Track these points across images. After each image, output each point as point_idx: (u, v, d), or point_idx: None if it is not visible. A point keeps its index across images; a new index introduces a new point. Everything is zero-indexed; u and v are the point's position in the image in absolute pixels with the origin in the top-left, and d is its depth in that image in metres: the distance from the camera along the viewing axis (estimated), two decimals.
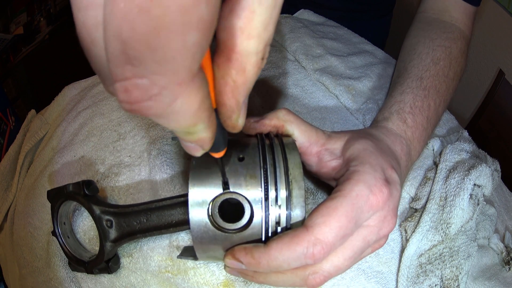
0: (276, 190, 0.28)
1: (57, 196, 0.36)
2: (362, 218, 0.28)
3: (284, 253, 0.27)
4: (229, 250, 0.29)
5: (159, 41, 0.11)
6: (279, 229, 0.28)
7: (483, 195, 0.40)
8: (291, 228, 0.28)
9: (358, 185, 0.29)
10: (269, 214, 0.28)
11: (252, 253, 0.27)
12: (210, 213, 0.28)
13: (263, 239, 0.28)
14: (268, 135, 0.33)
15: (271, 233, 0.28)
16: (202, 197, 0.28)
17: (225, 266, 0.31)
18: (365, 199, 0.28)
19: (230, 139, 0.30)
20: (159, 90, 0.13)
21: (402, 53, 0.54)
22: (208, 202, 0.28)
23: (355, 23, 0.72)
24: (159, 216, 0.33)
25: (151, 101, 0.13)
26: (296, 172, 0.29)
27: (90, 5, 0.12)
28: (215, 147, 0.22)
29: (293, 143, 0.32)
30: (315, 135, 0.35)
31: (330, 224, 0.27)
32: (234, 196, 0.28)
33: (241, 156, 0.29)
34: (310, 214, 0.28)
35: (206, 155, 0.29)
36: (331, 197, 0.29)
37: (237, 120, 0.21)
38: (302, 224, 0.28)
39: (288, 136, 0.34)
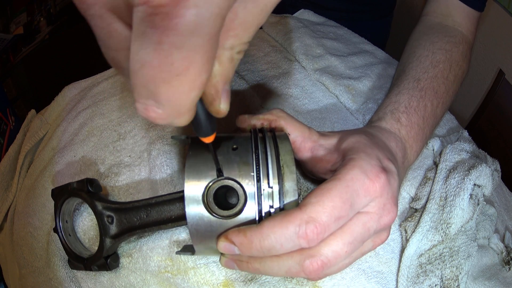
0: (267, 174, 0.29)
1: (61, 194, 0.36)
2: (358, 202, 0.28)
3: (276, 231, 0.26)
4: (223, 233, 0.29)
5: (174, 96, 0.17)
6: (272, 210, 0.29)
7: (483, 195, 0.40)
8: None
9: (353, 170, 0.29)
10: (261, 195, 0.28)
11: (245, 232, 0.27)
12: (205, 200, 0.28)
13: (257, 218, 0.29)
14: (262, 130, 0.34)
15: (265, 214, 0.29)
16: (197, 185, 0.29)
17: (221, 258, 0.31)
18: (360, 183, 0.28)
19: (225, 135, 0.31)
20: (166, 116, 0.18)
21: (402, 56, 0.54)
22: (203, 189, 0.29)
23: (355, 24, 0.72)
24: (159, 211, 0.33)
25: (160, 120, 0.18)
26: (287, 158, 0.30)
27: (121, 49, 0.18)
28: (203, 132, 0.24)
29: (285, 135, 0.33)
30: (307, 131, 0.36)
31: (323, 203, 0.27)
32: (227, 182, 0.29)
33: (234, 146, 0.30)
34: (304, 197, 0.28)
35: (201, 147, 0.30)
36: (326, 181, 0.29)
37: (219, 106, 0.22)
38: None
39: (281, 131, 0.35)
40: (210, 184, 0.29)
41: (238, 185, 0.29)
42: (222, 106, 0.22)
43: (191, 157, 0.30)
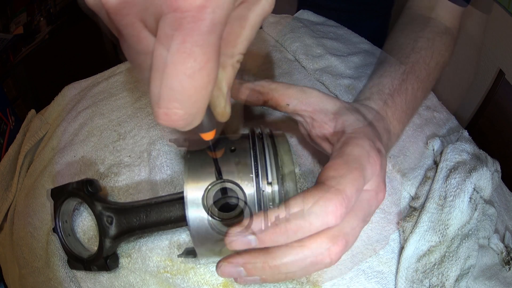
0: (267, 175, 0.29)
1: (60, 194, 0.36)
2: (367, 177, 0.29)
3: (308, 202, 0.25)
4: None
5: (196, 91, 0.20)
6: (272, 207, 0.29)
7: (483, 198, 0.40)
8: None
9: (357, 148, 0.30)
10: (261, 196, 0.29)
11: (272, 211, 0.26)
12: (205, 203, 0.29)
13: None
14: (260, 132, 0.34)
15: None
16: (196, 188, 0.29)
17: (222, 265, 0.29)
18: (366, 160, 0.29)
19: (223, 137, 0.32)
20: (188, 116, 0.20)
21: (384, 46, 0.54)
22: (203, 192, 0.29)
23: (354, 24, 0.72)
24: (158, 212, 0.33)
25: (182, 121, 0.20)
26: (286, 158, 0.30)
27: (148, 53, 0.20)
28: (205, 128, 0.25)
29: (283, 135, 0.33)
30: (304, 96, 0.37)
31: (346, 176, 0.27)
32: (227, 184, 0.29)
33: (232, 148, 0.31)
34: (321, 172, 0.28)
35: (199, 150, 0.30)
36: (335, 156, 0.30)
37: (225, 108, 0.25)
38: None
39: (279, 133, 0.35)
40: (210, 187, 0.29)
41: (237, 187, 0.29)
42: (228, 108, 0.25)
43: (190, 160, 0.30)
